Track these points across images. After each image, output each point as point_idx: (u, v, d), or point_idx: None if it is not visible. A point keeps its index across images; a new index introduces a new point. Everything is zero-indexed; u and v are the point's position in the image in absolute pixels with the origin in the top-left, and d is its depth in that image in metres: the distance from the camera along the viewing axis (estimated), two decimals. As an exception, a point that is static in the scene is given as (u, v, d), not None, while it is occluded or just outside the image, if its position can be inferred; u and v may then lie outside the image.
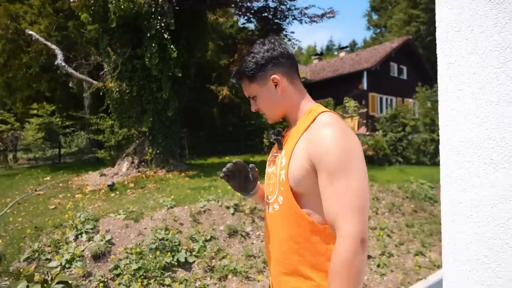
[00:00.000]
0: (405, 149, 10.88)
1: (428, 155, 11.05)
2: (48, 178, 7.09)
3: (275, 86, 1.03)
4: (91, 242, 3.49)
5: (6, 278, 1.21)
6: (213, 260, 3.66)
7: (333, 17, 8.26)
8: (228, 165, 1.12)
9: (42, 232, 3.66)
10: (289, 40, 8.67)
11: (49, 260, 3.26)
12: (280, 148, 1.07)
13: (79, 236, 3.56)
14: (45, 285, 1.02)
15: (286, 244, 0.99)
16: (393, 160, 10.67)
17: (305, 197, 0.97)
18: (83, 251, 3.36)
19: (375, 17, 36.37)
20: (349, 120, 11.64)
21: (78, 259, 3.25)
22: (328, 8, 8.17)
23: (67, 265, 3.18)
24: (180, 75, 6.76)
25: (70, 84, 7.79)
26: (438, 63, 1.07)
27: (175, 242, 3.65)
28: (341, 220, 0.86)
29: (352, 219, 0.85)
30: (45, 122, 9.37)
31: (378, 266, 4.05)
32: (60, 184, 6.45)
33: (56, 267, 3.13)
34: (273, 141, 1.10)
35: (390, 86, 17.63)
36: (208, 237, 3.91)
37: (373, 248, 4.37)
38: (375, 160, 10.13)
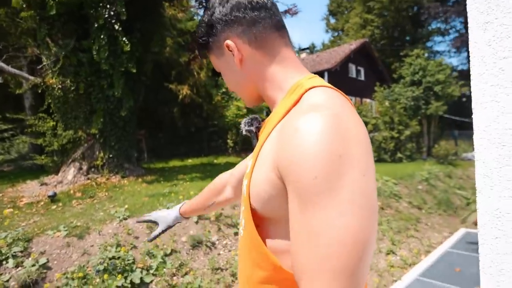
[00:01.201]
0: (367, 147, 11.14)
1: (388, 152, 11.41)
2: (-25, 190, 6.01)
3: (234, 55, 0.65)
4: (19, 268, 2.84)
5: None
6: (175, 278, 3.20)
7: (296, 13, 8.12)
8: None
9: (-46, 260, 2.91)
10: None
11: (-40, 296, 2.57)
12: (255, 144, 0.71)
13: (4, 262, 2.88)
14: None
15: None
16: (356, 158, 10.83)
17: (276, 225, 0.59)
18: (7, 281, 2.70)
19: (333, 20, 37.63)
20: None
21: (0, 291, 2.61)
22: (291, 5, 7.98)
23: (-15, 301, 2.53)
24: (134, 71, 6.14)
25: (0, 80, 6.74)
26: (469, 25, 0.77)
27: (128, 260, 3.13)
28: (306, 283, 0.46)
29: (325, 285, 0.44)
30: (-27, 125, 8.11)
31: (353, 269, 3.86)
32: (-11, 197, 5.48)
33: (-30, 305, 2.47)
34: (246, 134, 0.76)
35: (349, 86, 18.18)
36: (168, 251, 3.43)
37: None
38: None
